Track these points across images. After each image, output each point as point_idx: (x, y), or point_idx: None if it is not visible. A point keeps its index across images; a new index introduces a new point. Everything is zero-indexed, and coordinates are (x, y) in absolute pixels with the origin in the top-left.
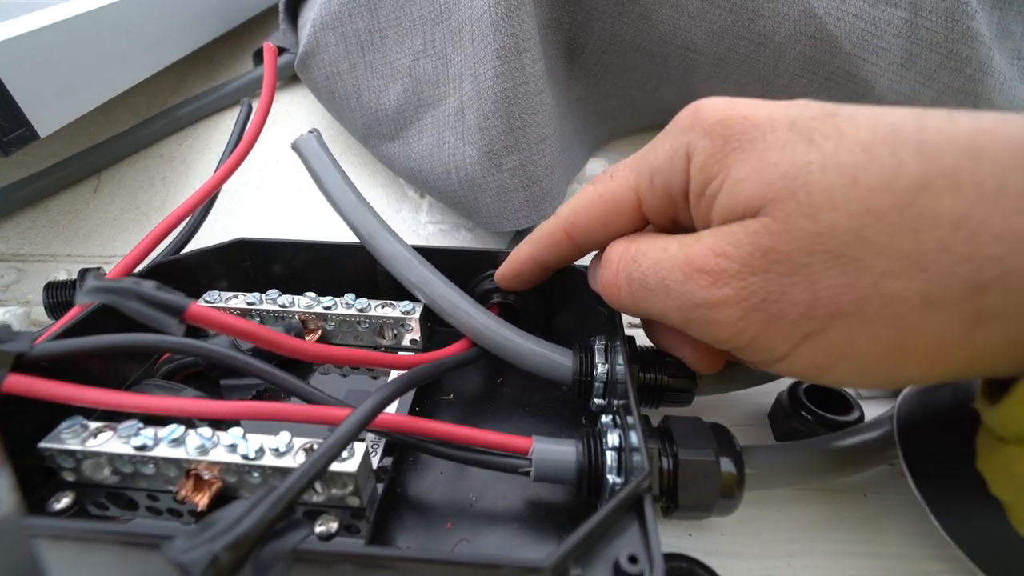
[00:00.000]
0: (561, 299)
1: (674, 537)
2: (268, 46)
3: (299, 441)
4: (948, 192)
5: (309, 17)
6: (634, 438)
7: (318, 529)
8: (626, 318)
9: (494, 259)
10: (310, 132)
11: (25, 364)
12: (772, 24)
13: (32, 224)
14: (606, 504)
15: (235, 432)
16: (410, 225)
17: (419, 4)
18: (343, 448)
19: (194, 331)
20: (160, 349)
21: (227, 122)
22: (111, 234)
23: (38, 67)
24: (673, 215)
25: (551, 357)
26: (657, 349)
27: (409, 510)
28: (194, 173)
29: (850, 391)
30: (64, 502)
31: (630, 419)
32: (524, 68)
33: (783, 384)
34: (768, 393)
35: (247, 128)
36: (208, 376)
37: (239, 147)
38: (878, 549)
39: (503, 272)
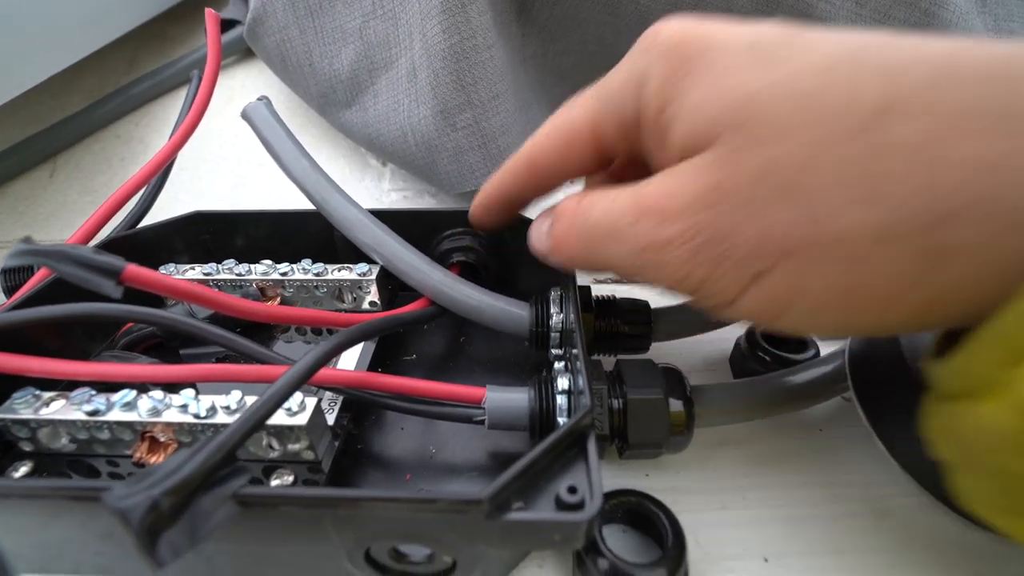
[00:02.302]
0: (521, 259)
1: (632, 478)
2: (209, 12)
3: (251, 399)
4: (910, 116)
5: None
6: (581, 380)
7: (274, 482)
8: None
9: (453, 218)
10: (259, 99)
11: None
12: None
13: None
14: (546, 440)
15: (187, 393)
16: (373, 194)
17: None
18: (283, 398)
19: (154, 303)
20: (111, 317)
21: (178, 96)
22: (70, 218)
23: None
24: (628, 148)
25: (507, 310)
26: (612, 298)
27: (369, 465)
28: (152, 152)
29: None
30: (22, 471)
31: (579, 363)
32: (470, 21)
33: (744, 328)
34: (728, 339)
35: (195, 98)
36: (168, 347)
37: (188, 117)
38: (830, 479)
39: (473, 208)
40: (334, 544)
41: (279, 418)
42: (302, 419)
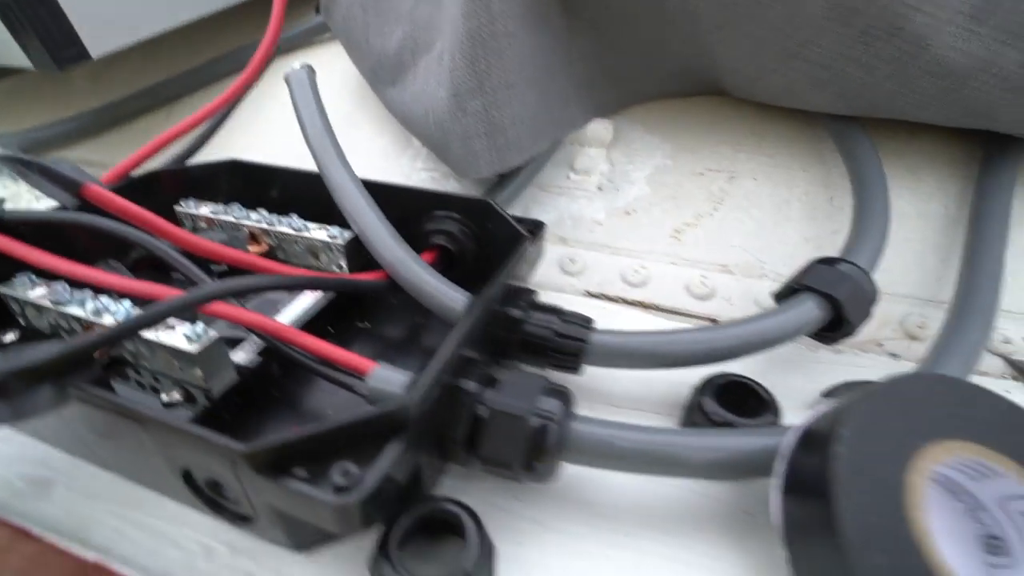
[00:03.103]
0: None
1: (502, 499)
2: None
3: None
4: None
5: None
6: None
7: (163, 397)
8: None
9: (443, 201)
10: (302, 67)
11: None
12: None
13: (118, 140)
14: (343, 419)
15: (127, 304)
16: (405, 171)
17: None
18: (154, 320)
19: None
20: (89, 228)
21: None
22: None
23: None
24: None
25: (446, 295)
26: (554, 307)
27: (267, 408)
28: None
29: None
30: (9, 337)
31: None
32: (491, 7)
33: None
34: (689, 383)
35: (254, 58)
36: (162, 269)
37: (243, 75)
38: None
39: None
40: (157, 456)
41: (176, 340)
42: (195, 348)
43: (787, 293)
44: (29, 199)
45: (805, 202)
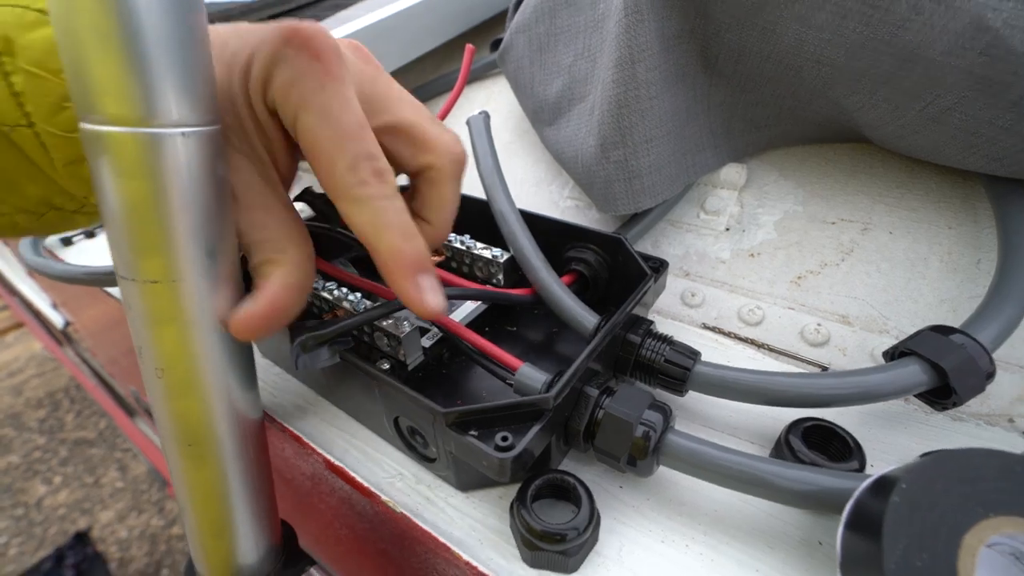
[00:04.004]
0: (626, 282)
1: (607, 483)
2: (468, 47)
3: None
4: None
5: (512, 21)
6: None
7: (378, 363)
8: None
9: (583, 234)
10: (481, 113)
11: None
12: (921, 38)
13: None
14: (502, 401)
15: (357, 294)
16: (554, 198)
17: (585, 14)
18: (380, 314)
19: None
20: (330, 235)
21: (469, 92)
22: None
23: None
24: None
25: (579, 313)
26: (666, 336)
27: (440, 381)
28: None
29: (853, 437)
30: None
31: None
32: (636, 77)
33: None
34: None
35: (444, 105)
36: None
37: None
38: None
39: None
40: (379, 405)
41: (391, 327)
42: (401, 333)
43: (895, 354)
44: None
45: (947, 262)
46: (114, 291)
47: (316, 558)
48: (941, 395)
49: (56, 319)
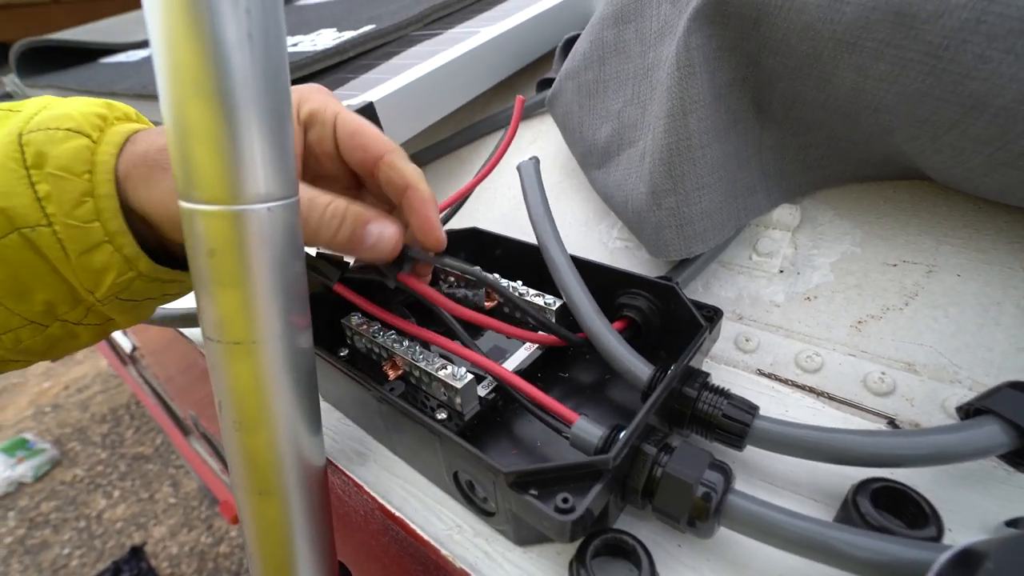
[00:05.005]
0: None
1: (664, 540)
2: (519, 98)
3: (440, 361)
4: None
5: (561, 67)
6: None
7: (438, 415)
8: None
9: (635, 281)
10: (531, 159)
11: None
12: (989, 87)
13: None
14: (561, 462)
15: (416, 346)
16: (603, 239)
17: (634, 61)
18: (442, 367)
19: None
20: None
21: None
22: None
23: (397, 105)
24: None
25: (633, 363)
26: (723, 390)
27: (495, 430)
28: (475, 172)
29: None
30: (343, 352)
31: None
32: (688, 127)
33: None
34: (854, 479)
35: (495, 152)
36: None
37: (487, 166)
38: None
39: None
40: (439, 457)
41: (448, 378)
42: (458, 383)
43: (971, 411)
44: None
45: (1023, 307)
46: (185, 330)
47: None
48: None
49: (125, 344)
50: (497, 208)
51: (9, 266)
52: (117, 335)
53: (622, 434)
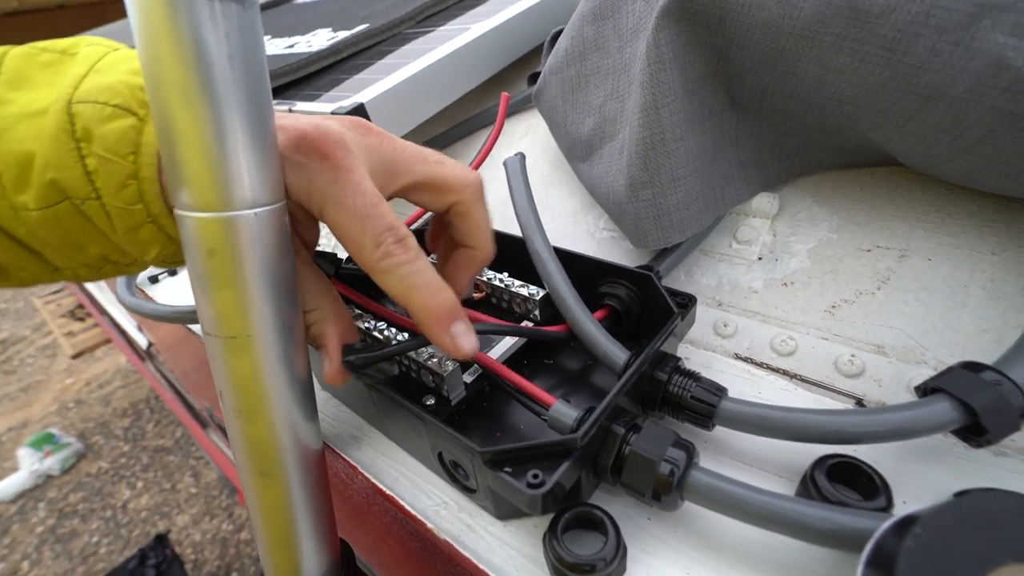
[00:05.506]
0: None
1: (635, 515)
2: (504, 95)
3: (428, 351)
4: None
5: (545, 63)
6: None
7: (426, 400)
8: (702, 340)
9: (614, 271)
10: (517, 155)
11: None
12: (942, 78)
13: None
14: (534, 441)
15: (393, 330)
16: (590, 229)
17: (613, 57)
18: (416, 346)
19: None
20: None
21: (508, 126)
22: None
23: (389, 106)
24: None
25: (608, 349)
26: (694, 373)
27: (480, 415)
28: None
29: (880, 475)
30: None
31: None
32: (661, 120)
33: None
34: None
35: (482, 148)
36: None
37: (475, 160)
38: None
39: None
40: (425, 439)
41: (435, 366)
42: (444, 370)
43: (926, 391)
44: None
45: (990, 290)
46: (194, 327)
47: (372, 569)
48: (975, 432)
49: (141, 340)
50: (497, 199)
51: (62, 226)
52: (133, 333)
53: (591, 416)
